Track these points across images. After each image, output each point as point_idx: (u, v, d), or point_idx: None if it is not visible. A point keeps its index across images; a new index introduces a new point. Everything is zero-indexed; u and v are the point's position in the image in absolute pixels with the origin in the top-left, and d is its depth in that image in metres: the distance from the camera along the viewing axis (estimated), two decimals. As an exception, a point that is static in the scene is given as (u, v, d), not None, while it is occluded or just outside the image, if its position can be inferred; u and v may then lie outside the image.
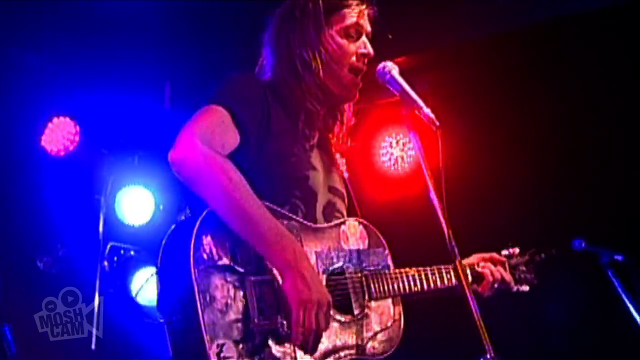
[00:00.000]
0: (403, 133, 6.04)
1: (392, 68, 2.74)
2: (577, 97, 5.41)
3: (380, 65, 2.77)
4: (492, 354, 2.21)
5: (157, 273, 2.54)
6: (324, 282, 2.60)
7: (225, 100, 2.65)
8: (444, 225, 2.39)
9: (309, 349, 2.44)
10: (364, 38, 2.87)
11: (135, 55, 5.61)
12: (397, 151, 6.12)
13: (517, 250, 3.37)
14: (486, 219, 5.34)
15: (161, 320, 2.45)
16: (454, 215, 2.44)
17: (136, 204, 6.32)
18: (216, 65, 5.83)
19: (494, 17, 5.38)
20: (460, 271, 2.37)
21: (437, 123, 2.54)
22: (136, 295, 6.03)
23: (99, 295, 5.57)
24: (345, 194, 2.97)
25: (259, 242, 2.46)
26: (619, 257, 3.60)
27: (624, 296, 3.54)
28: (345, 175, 3.08)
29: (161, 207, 6.40)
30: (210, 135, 2.53)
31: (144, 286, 6.07)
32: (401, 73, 2.73)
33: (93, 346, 5.31)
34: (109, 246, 6.10)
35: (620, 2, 5.12)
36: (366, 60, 2.86)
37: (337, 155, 3.06)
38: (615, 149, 5.37)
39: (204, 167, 2.47)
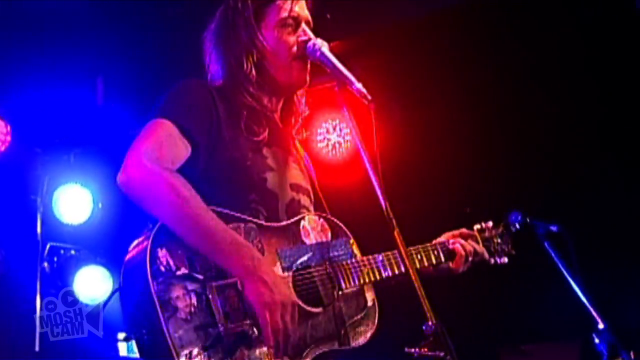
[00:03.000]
0: (340, 119, 6.07)
1: (321, 45, 2.76)
2: (512, 74, 5.52)
3: (310, 43, 2.78)
4: (434, 320, 2.25)
5: (119, 292, 2.53)
6: (290, 280, 2.60)
7: (170, 113, 2.61)
8: (380, 198, 2.42)
9: (281, 349, 2.45)
10: (303, 26, 2.85)
11: (65, 50, 5.50)
12: (334, 137, 6.14)
13: (490, 223, 3.39)
14: (422, 199, 5.43)
15: (131, 337, 2.45)
16: (391, 196, 2.47)
17: (74, 202, 6.23)
18: (149, 58, 5.77)
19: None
20: (398, 242, 2.41)
21: (369, 97, 2.54)
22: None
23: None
24: (309, 189, 2.95)
25: (215, 252, 2.45)
26: (554, 228, 3.68)
27: (560, 266, 3.63)
28: (310, 166, 3.08)
29: (100, 204, 6.33)
30: (158, 151, 2.50)
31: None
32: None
33: (37, 348, 5.23)
34: (48, 246, 6.01)
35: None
36: None
37: (298, 149, 3.03)
38: (548, 123, 5.51)
39: (151, 186, 2.45)
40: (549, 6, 5.22)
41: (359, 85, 2.58)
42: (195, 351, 2.33)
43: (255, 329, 2.46)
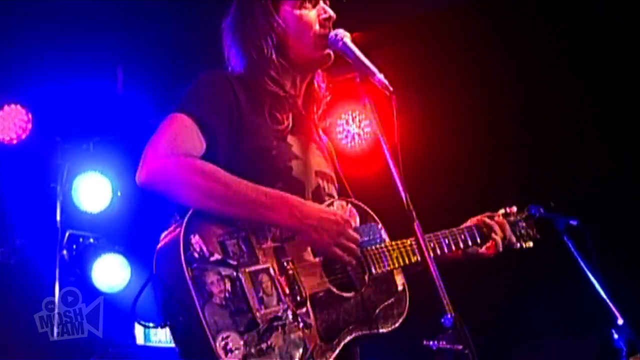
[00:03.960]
0: (359, 110, 6.05)
1: (344, 35, 2.75)
2: (533, 66, 5.48)
3: (332, 33, 2.78)
4: (453, 313, 2.25)
5: (152, 280, 2.52)
6: (320, 265, 2.63)
7: (188, 107, 2.61)
8: (400, 189, 2.41)
9: (362, 260, 2.68)
10: (321, 3, 2.85)
11: (86, 40, 5.52)
12: (353, 128, 6.12)
13: (514, 208, 3.39)
14: (442, 191, 5.41)
15: (166, 325, 2.44)
16: (411, 187, 2.46)
17: (93, 190, 6.28)
18: (169, 47, 5.78)
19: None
20: (417, 234, 2.40)
21: (391, 89, 2.54)
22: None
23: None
24: (334, 176, 2.96)
25: (254, 213, 2.50)
26: (574, 223, 3.66)
27: (580, 260, 3.60)
28: (332, 153, 3.08)
29: (119, 193, 6.36)
30: (173, 143, 2.51)
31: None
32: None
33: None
34: (67, 234, 6.05)
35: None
36: (330, 23, 2.83)
37: (321, 135, 3.04)
38: (570, 116, 5.47)
39: (172, 173, 2.47)
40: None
41: (381, 77, 2.58)
42: (231, 336, 2.34)
43: (289, 314, 2.47)
